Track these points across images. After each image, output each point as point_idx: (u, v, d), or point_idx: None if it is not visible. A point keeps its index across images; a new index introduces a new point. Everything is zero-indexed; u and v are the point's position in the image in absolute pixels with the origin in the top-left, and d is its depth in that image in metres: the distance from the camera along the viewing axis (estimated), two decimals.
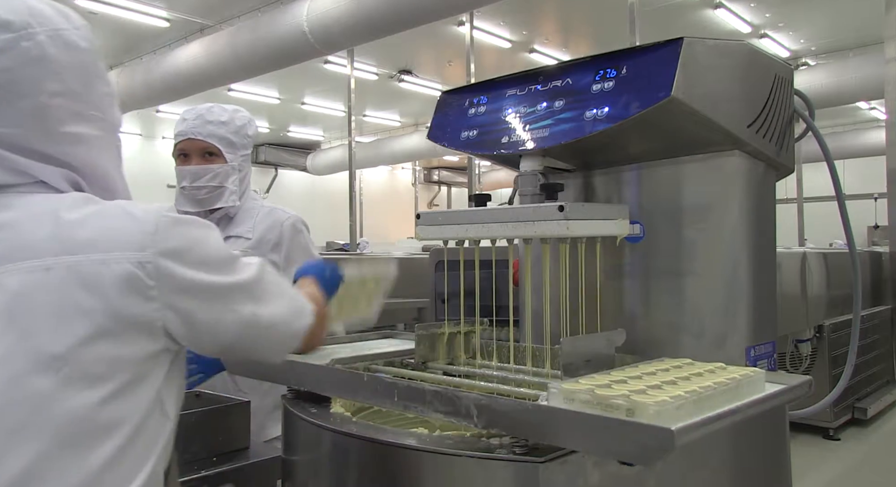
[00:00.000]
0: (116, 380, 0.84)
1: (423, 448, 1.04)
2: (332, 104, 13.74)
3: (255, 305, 0.98)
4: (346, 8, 6.68)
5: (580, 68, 1.30)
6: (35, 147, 0.88)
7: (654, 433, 0.83)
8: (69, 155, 0.91)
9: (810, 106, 1.57)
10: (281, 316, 1.02)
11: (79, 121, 0.92)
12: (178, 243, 0.89)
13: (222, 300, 0.94)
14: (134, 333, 0.86)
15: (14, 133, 0.86)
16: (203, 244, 0.93)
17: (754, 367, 1.33)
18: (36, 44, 0.87)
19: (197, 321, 0.92)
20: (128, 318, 0.85)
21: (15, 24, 0.86)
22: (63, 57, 0.89)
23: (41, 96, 0.87)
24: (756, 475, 1.41)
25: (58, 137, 0.90)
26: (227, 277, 0.95)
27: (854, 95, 9.98)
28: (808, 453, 4.05)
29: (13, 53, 0.85)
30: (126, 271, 0.84)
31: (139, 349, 0.87)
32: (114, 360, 0.84)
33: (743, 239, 1.36)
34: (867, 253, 5.39)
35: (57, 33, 0.89)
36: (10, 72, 0.85)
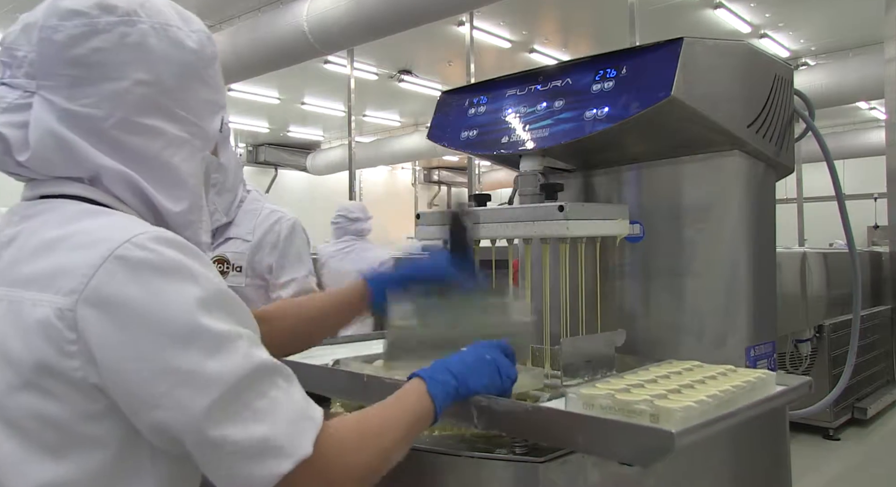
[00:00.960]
0: (53, 436, 0.75)
1: (423, 448, 1.04)
2: (331, 104, 13.73)
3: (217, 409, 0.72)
4: (346, 8, 6.68)
5: (580, 68, 1.30)
6: (109, 132, 0.84)
7: (654, 434, 0.83)
8: (140, 148, 0.86)
9: (810, 106, 1.57)
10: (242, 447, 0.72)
11: (162, 116, 0.88)
12: (117, 291, 0.72)
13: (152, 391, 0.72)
14: (61, 387, 0.74)
15: (92, 114, 0.84)
16: (157, 304, 0.73)
17: (753, 367, 1.33)
18: (137, 31, 0.86)
19: (118, 395, 0.74)
20: (48, 370, 0.73)
21: (119, 10, 0.86)
22: (163, 50, 0.87)
23: (126, 82, 0.85)
24: (756, 475, 1.41)
25: (134, 125, 0.86)
26: (180, 356, 0.72)
27: (854, 95, 9.98)
28: (808, 453, 4.05)
29: (108, 36, 0.84)
30: (43, 318, 0.73)
31: (72, 408, 0.74)
32: (41, 416, 0.74)
33: (743, 239, 1.36)
34: (867, 253, 5.38)
35: (164, 28, 0.88)
36: (101, 52, 0.84)
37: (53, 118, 0.83)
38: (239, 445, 0.72)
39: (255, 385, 0.74)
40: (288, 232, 1.96)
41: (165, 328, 0.72)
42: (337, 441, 0.79)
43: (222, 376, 0.72)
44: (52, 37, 0.83)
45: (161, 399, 0.72)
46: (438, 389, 0.92)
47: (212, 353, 0.73)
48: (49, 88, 0.83)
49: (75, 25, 0.83)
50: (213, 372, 0.72)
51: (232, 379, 0.73)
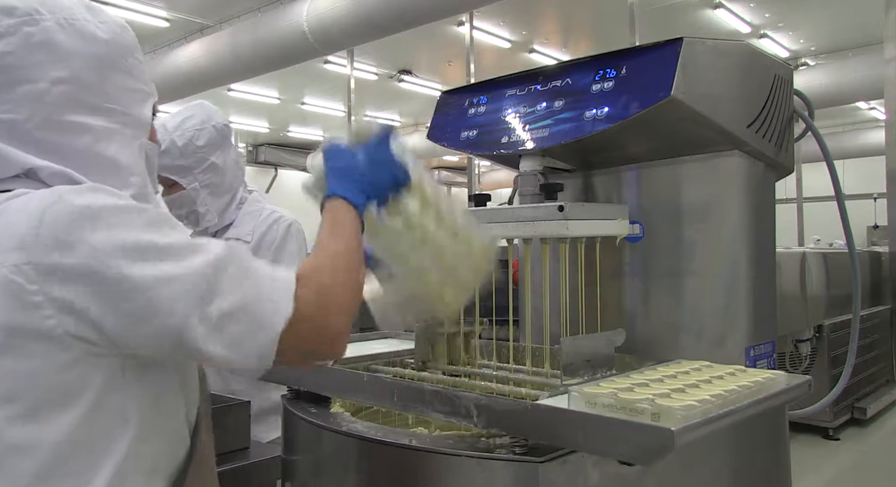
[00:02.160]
0: (26, 398, 0.77)
1: (423, 448, 1.04)
2: (332, 104, 13.73)
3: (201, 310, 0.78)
4: (346, 8, 6.68)
5: (580, 68, 1.30)
6: (34, 134, 0.85)
7: (654, 433, 0.83)
8: (69, 145, 0.87)
9: (810, 106, 1.58)
10: (237, 327, 0.80)
11: (86, 111, 0.88)
12: (68, 234, 0.75)
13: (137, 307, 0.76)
14: (32, 344, 0.76)
15: (13, 119, 0.84)
16: (107, 237, 0.77)
17: (752, 367, 1.33)
18: (41, 29, 0.85)
19: (103, 324, 0.77)
20: (17, 330, 0.76)
21: (18, 10, 0.85)
22: (73, 45, 0.87)
23: (42, 82, 0.85)
24: (756, 474, 1.41)
25: (59, 124, 0.86)
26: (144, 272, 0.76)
27: (854, 95, 9.98)
28: (808, 453, 4.05)
29: (13, 38, 0.84)
30: (3, 277, 0.75)
31: (47, 363, 0.77)
32: (16, 377, 0.76)
33: (743, 239, 1.36)
34: (867, 253, 5.38)
35: (69, 22, 0.88)
36: (10, 56, 0.84)
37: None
38: (233, 321, 0.79)
39: (226, 269, 0.81)
40: (284, 233, 1.95)
41: (123, 253, 0.76)
42: (312, 285, 0.85)
43: (195, 271, 0.78)
44: None
45: (152, 308, 0.77)
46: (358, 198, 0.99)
47: (180, 258, 0.79)
48: None
49: None
50: (186, 271, 0.78)
51: (207, 271, 0.79)
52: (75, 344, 0.78)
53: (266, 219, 1.96)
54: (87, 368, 0.79)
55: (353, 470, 1.16)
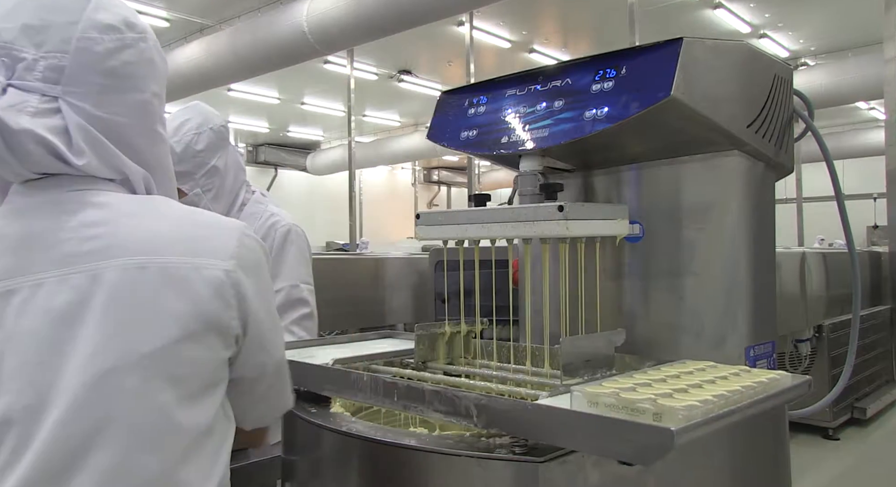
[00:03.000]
0: (194, 383, 0.88)
1: (423, 448, 1.04)
2: (331, 104, 13.75)
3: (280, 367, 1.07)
4: (346, 8, 6.68)
5: (580, 68, 1.30)
6: (135, 140, 0.95)
7: (653, 432, 0.83)
8: (154, 153, 0.98)
9: (810, 106, 1.58)
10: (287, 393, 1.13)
11: (161, 123, 1.01)
12: (254, 262, 0.95)
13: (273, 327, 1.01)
14: (214, 338, 0.89)
15: (123, 122, 0.93)
16: (266, 270, 0.99)
17: (752, 367, 1.33)
18: (149, 47, 0.98)
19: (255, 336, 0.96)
20: (212, 323, 0.88)
21: (138, 27, 0.97)
22: (161, 64, 1.01)
23: (147, 94, 0.96)
24: (756, 474, 1.41)
25: (152, 134, 0.98)
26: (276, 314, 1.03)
27: (853, 95, 9.99)
28: (808, 453, 4.05)
29: (136, 50, 0.95)
30: (216, 277, 0.89)
31: (216, 355, 0.90)
32: (194, 363, 0.87)
33: (742, 239, 1.36)
34: (867, 253, 5.38)
35: (157, 44, 1.01)
36: (131, 66, 0.94)
37: (86, 123, 0.90)
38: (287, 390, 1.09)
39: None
40: (281, 240, 1.89)
41: (270, 289, 1.03)
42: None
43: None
44: (91, 47, 0.90)
45: (274, 342, 1.01)
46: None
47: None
48: (77, 95, 0.90)
49: (112, 39, 0.93)
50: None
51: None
52: (234, 346, 0.93)
53: (265, 223, 1.91)
54: (226, 366, 0.94)
55: (353, 470, 1.16)
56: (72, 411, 0.81)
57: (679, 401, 0.90)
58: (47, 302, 0.84)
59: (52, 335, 0.83)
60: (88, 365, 0.81)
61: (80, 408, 0.81)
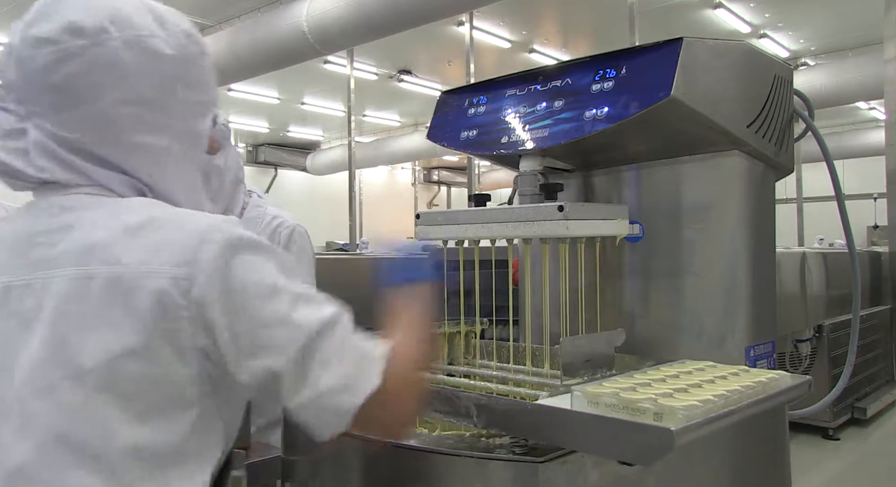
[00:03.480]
0: (145, 400, 0.81)
1: (423, 448, 1.04)
2: (331, 104, 13.73)
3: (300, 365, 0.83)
4: (346, 8, 6.68)
5: (580, 68, 1.30)
6: (96, 153, 0.86)
7: (653, 432, 0.83)
8: (133, 164, 0.88)
9: (810, 106, 1.58)
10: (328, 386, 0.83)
11: (148, 131, 0.88)
12: (219, 265, 0.81)
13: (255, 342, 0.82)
14: (164, 352, 0.80)
15: (76, 138, 0.85)
16: (252, 272, 0.83)
17: (752, 367, 1.33)
18: (108, 50, 0.85)
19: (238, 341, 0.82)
20: (158, 336, 0.80)
21: (87, 30, 0.84)
22: (138, 64, 0.86)
23: (104, 103, 0.85)
24: (756, 474, 1.41)
25: (122, 145, 0.87)
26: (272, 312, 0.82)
27: (853, 95, 9.98)
28: (808, 453, 4.05)
29: (81, 60, 0.84)
30: (159, 286, 0.79)
31: (170, 371, 0.81)
32: (142, 380, 0.80)
33: (742, 239, 1.36)
34: (867, 253, 5.38)
35: (137, 39, 0.87)
36: (75, 77, 0.84)
37: (50, 141, 0.85)
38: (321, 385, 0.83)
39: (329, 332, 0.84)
40: (286, 240, 1.89)
41: (260, 290, 0.82)
42: (398, 367, 0.88)
43: (306, 324, 0.83)
44: (28, 65, 0.84)
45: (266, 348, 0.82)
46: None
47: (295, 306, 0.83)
48: (38, 115, 0.85)
49: (48, 53, 0.84)
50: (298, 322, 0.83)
51: (314, 326, 0.83)
52: (200, 362, 0.82)
53: (267, 226, 1.91)
54: (199, 383, 0.83)
55: (354, 470, 1.16)
56: (18, 427, 0.78)
57: (679, 401, 0.90)
58: (17, 306, 0.82)
59: (14, 339, 0.81)
60: (36, 377, 0.79)
61: (26, 424, 0.78)
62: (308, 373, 0.82)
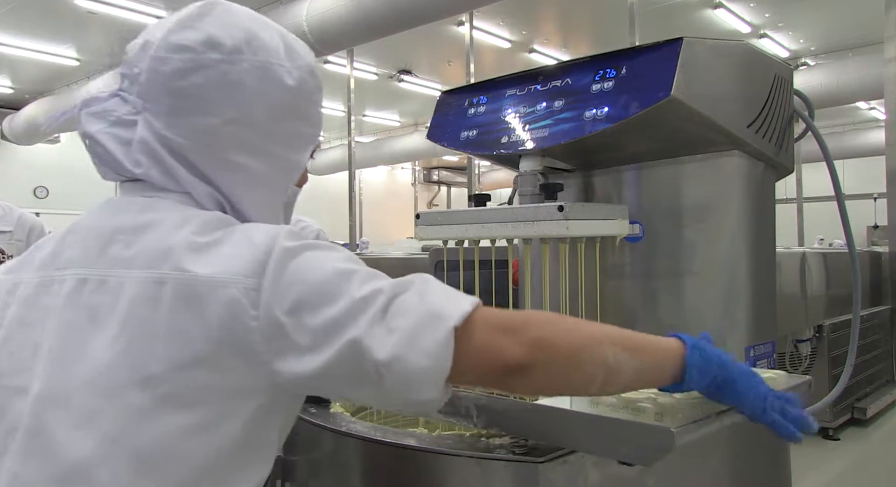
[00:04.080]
0: (207, 409, 0.81)
1: (423, 448, 1.04)
2: (331, 104, 13.73)
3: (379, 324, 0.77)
4: (346, 8, 6.68)
5: (580, 68, 1.30)
6: (195, 162, 0.90)
7: (653, 433, 0.83)
8: (224, 181, 0.91)
9: (810, 106, 1.58)
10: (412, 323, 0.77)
11: (248, 153, 0.91)
12: (287, 273, 0.81)
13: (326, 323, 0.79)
14: (232, 360, 0.80)
15: (180, 143, 0.88)
16: (315, 271, 0.81)
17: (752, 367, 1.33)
18: (237, 70, 0.89)
19: (294, 354, 0.80)
20: (227, 345, 0.80)
21: (225, 47, 0.89)
22: (260, 88, 0.90)
23: (216, 119, 0.89)
24: (756, 475, 1.41)
25: (219, 161, 0.90)
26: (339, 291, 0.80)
27: (853, 95, 9.98)
28: (808, 453, 4.04)
29: (210, 73, 0.88)
30: (232, 297, 0.80)
31: (235, 379, 0.81)
32: (206, 388, 0.81)
33: (743, 239, 1.36)
34: (867, 253, 5.38)
35: (265, 65, 0.91)
36: (200, 88, 0.88)
37: (154, 140, 0.89)
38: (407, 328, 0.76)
39: (406, 288, 0.80)
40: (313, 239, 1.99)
41: (324, 276, 0.80)
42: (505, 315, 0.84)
43: (377, 288, 0.79)
44: (159, 67, 0.88)
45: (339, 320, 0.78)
46: (696, 357, 0.89)
47: (365, 281, 0.80)
48: (152, 112, 0.89)
49: (181, 59, 0.88)
50: (369, 289, 0.79)
51: (388, 289, 0.79)
52: (263, 373, 0.81)
53: (294, 226, 1.99)
54: (253, 394, 0.83)
55: (354, 470, 1.16)
56: (78, 423, 0.79)
57: (680, 400, 0.90)
58: (89, 299, 0.83)
59: (82, 332, 0.82)
60: (102, 376, 0.80)
61: (87, 421, 0.79)
62: (390, 323, 0.76)
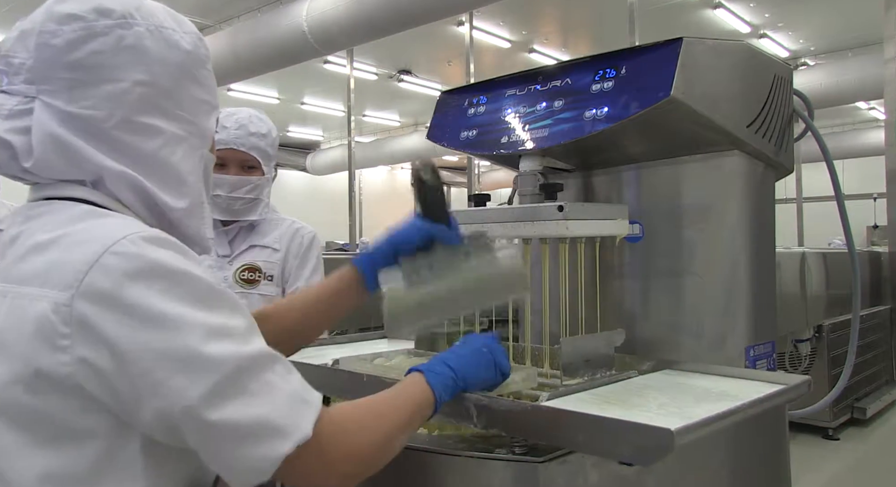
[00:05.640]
0: (43, 429, 0.76)
1: (423, 448, 1.04)
2: (331, 104, 13.74)
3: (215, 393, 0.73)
4: (346, 8, 6.68)
5: (580, 68, 1.30)
6: (110, 133, 0.87)
7: (653, 433, 0.83)
8: (140, 147, 0.89)
9: (809, 106, 1.58)
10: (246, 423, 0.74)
11: (159, 115, 0.90)
12: (113, 287, 0.74)
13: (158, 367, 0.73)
14: (45, 386, 0.75)
15: (93, 115, 0.86)
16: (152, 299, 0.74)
17: (752, 367, 1.33)
18: (133, 34, 0.88)
19: (118, 389, 0.74)
20: (36, 368, 0.74)
21: (115, 13, 0.88)
22: (159, 51, 0.90)
23: (125, 83, 0.87)
24: (756, 475, 1.41)
25: (134, 125, 0.88)
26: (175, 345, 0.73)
27: (853, 95, 9.99)
28: (808, 453, 4.05)
29: (106, 39, 0.87)
30: (40, 313, 0.75)
31: (57, 407, 0.75)
32: (32, 410, 0.76)
33: (742, 239, 1.36)
34: (866, 253, 5.38)
35: (159, 30, 0.91)
36: (99, 55, 0.86)
37: (55, 122, 0.85)
38: (238, 426, 0.74)
39: (253, 370, 0.76)
40: (309, 243, 2.01)
41: (160, 322, 0.74)
42: (337, 423, 0.82)
43: (219, 361, 0.74)
44: (49, 41, 0.85)
45: (159, 387, 0.73)
46: (437, 380, 0.95)
47: (207, 341, 0.74)
48: (49, 93, 0.85)
49: (73, 29, 0.85)
50: (209, 358, 0.74)
51: (230, 364, 0.75)
52: (81, 395, 0.76)
53: (289, 228, 2.03)
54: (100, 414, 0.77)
55: None
56: None
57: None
58: None
59: None
60: None
61: None
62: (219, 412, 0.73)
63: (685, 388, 1.13)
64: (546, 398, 1.01)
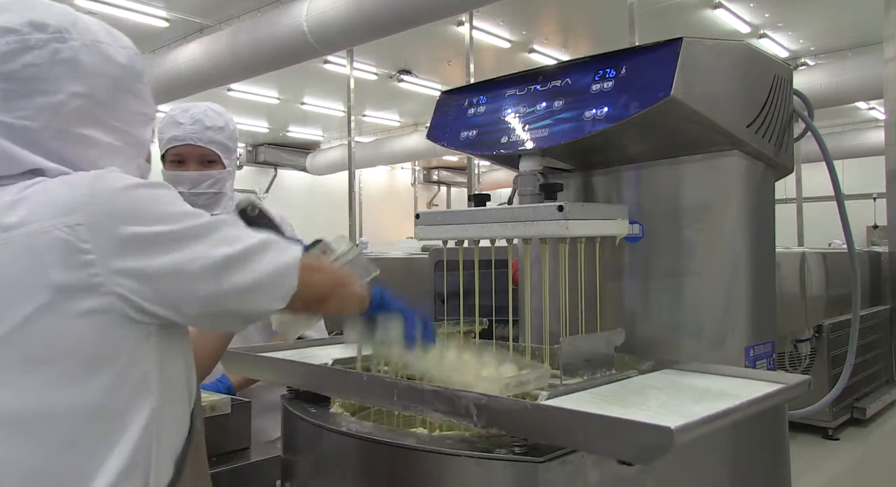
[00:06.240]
0: (68, 361, 0.81)
1: (423, 448, 1.04)
2: (331, 104, 13.73)
3: (224, 246, 0.89)
4: (346, 8, 6.68)
5: (579, 68, 1.30)
6: (45, 143, 0.90)
7: (653, 432, 0.83)
8: (77, 157, 0.92)
9: (809, 106, 1.58)
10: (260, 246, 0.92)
11: (96, 126, 0.94)
12: (116, 205, 0.84)
13: (178, 247, 0.86)
14: (78, 305, 0.81)
15: (28, 126, 0.89)
16: (152, 201, 0.87)
17: (752, 367, 1.33)
18: (68, 47, 0.91)
19: (153, 277, 0.85)
20: (66, 289, 0.80)
21: (50, 27, 0.91)
22: (95, 65, 0.94)
23: (60, 95, 0.90)
24: (755, 474, 1.41)
25: (70, 135, 0.91)
26: (178, 224, 0.87)
27: (853, 95, 9.99)
28: (808, 453, 4.05)
29: (41, 52, 0.89)
30: (57, 238, 0.81)
31: (89, 325, 0.82)
32: (59, 337, 0.81)
33: (742, 239, 1.36)
34: (866, 253, 5.38)
35: (94, 44, 0.95)
36: (34, 67, 0.89)
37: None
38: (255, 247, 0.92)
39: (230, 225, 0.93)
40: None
41: (164, 213, 0.88)
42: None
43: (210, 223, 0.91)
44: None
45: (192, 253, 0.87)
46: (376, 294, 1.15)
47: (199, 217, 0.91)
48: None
49: (6, 42, 0.89)
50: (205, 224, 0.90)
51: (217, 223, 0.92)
52: (121, 310, 0.84)
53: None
54: (119, 333, 0.85)
55: (353, 470, 1.16)
56: None
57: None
58: None
59: None
60: None
61: None
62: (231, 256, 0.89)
63: (685, 387, 1.13)
64: (546, 397, 1.01)
